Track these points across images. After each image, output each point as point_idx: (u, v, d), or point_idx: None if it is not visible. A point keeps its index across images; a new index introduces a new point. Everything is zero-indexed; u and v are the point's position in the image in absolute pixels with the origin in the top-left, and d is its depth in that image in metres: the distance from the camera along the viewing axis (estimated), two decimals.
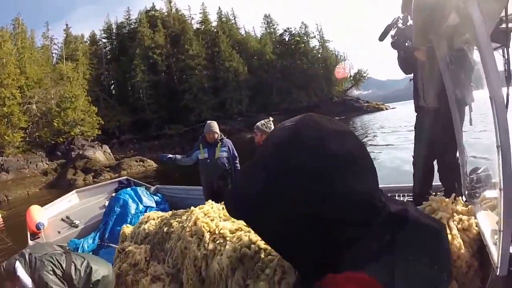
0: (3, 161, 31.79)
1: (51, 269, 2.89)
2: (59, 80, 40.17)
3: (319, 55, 62.05)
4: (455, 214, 1.74)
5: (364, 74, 62.82)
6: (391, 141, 18.56)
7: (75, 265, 2.96)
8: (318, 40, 63.62)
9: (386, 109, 60.27)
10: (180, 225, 2.58)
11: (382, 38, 3.16)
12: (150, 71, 48.65)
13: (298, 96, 53.52)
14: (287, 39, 61.00)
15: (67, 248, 3.63)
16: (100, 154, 32.57)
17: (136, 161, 27.81)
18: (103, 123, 39.14)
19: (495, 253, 1.36)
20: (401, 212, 0.79)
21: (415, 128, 3.51)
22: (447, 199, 1.83)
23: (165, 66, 50.17)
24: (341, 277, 0.66)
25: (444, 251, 0.81)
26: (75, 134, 35.79)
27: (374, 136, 23.60)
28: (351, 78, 62.83)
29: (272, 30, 63.91)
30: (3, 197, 25.59)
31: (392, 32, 3.19)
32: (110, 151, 34.21)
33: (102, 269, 2.93)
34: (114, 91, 52.56)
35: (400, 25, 3.14)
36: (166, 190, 7.04)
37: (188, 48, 50.17)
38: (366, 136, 23.87)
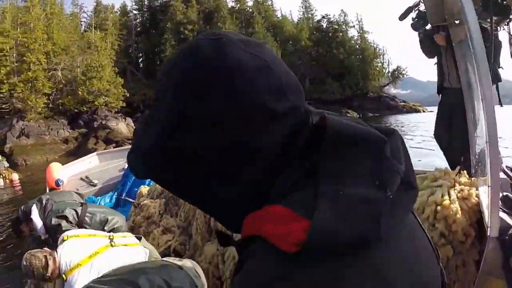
0: (24, 126, 31.57)
1: (65, 216, 3.09)
2: (86, 49, 39.43)
3: (357, 46, 58.77)
4: (457, 184, 1.83)
5: (403, 72, 59.31)
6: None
7: (90, 215, 3.23)
8: (357, 31, 60.30)
9: (423, 111, 56.55)
10: None
11: (402, 18, 3.43)
12: (180, 47, 46.69)
13: (331, 87, 50.97)
14: (324, 26, 58.19)
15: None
16: (123, 126, 31.75)
17: None
18: (128, 95, 38.41)
19: (487, 215, 1.49)
20: (324, 122, 0.56)
21: (438, 107, 3.80)
22: (452, 171, 1.98)
23: None
24: (258, 214, 0.54)
25: (387, 162, 0.54)
26: (99, 104, 35.15)
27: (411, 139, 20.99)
28: (389, 74, 59.44)
29: (310, 15, 60.94)
30: (22, 161, 25.51)
31: (413, 14, 3.45)
32: (133, 124, 33.27)
33: (116, 220, 3.17)
34: (141, 64, 51.56)
35: (421, 8, 3.39)
36: None
37: (221, 26, 48.48)
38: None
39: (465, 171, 1.99)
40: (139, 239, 2.54)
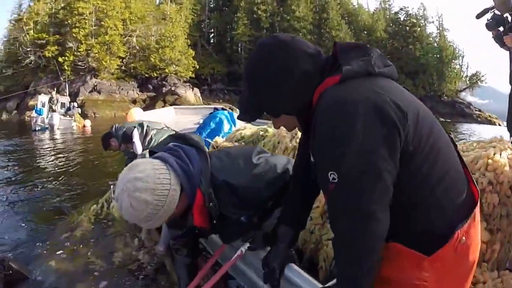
0: (96, 83, 33.64)
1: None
2: (161, 20, 40.55)
3: (435, 44, 54.21)
4: (509, 149, 1.89)
5: (482, 78, 53.99)
6: None
7: None
8: (437, 27, 55.71)
9: (499, 125, 51.11)
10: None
11: (478, 16, 3.66)
12: (252, 26, 46.64)
13: (402, 84, 45.67)
14: (402, 18, 54.38)
15: None
16: (191, 94, 32.27)
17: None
18: (197, 67, 39.23)
19: None
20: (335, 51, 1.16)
21: (509, 98, 3.78)
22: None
23: (268, 23, 47.35)
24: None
25: (370, 59, 1.10)
26: (169, 72, 36.31)
27: None
28: (467, 78, 54.42)
29: (387, 6, 57.59)
30: (91, 113, 27.46)
31: (488, 16, 3.64)
32: (200, 95, 33.42)
33: None
34: (212, 40, 51.94)
35: (497, 11, 3.61)
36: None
37: (295, 9, 47.06)
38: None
39: None
40: None
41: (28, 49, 34.87)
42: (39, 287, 2.55)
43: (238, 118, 1.28)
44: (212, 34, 52.29)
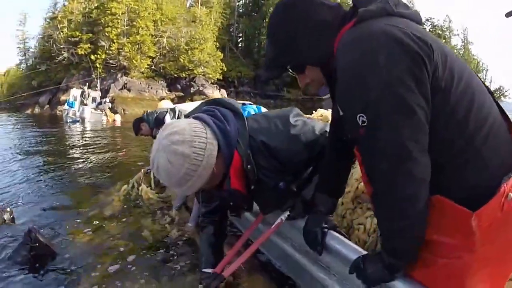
0: (126, 81, 34.24)
1: None
2: (191, 22, 41.04)
3: (460, 56, 52.94)
4: None
5: (506, 93, 52.22)
6: None
7: None
8: (462, 40, 54.66)
9: None
10: None
11: (508, 15, 3.11)
12: None
13: None
14: (427, 29, 53.02)
15: None
16: (218, 95, 32.29)
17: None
18: (225, 70, 39.59)
19: None
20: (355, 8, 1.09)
21: None
22: None
23: None
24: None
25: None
26: (197, 73, 36.67)
27: None
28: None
29: None
30: (121, 109, 27.86)
31: None
32: (226, 96, 33.61)
33: None
34: (240, 44, 52.40)
35: None
36: None
37: None
38: None
39: None
40: None
41: (61, 47, 35.92)
42: (65, 261, 2.44)
43: (261, 77, 1.25)
44: (241, 38, 52.76)
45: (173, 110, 4.35)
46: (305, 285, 1.72)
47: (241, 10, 53.50)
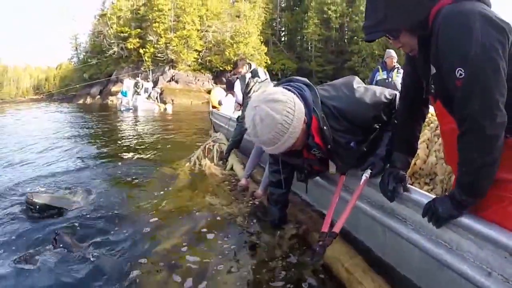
0: (174, 73, 35.42)
1: None
2: (236, 17, 41.60)
3: None
4: None
5: None
6: None
7: None
8: None
9: None
10: None
11: None
12: (322, 26, 46.40)
13: None
14: None
15: None
16: None
17: None
18: (269, 63, 40.06)
19: None
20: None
21: None
22: None
23: (338, 23, 46.96)
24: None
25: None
26: None
27: None
28: None
29: None
30: (169, 100, 28.48)
31: None
32: None
33: None
34: (283, 37, 52.57)
35: None
36: None
37: (363, 11, 45.22)
38: None
39: None
40: None
41: (111, 41, 37.57)
42: (148, 225, 2.48)
43: (366, 39, 1.34)
44: (283, 32, 52.87)
45: (243, 77, 4.38)
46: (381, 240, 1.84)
47: (283, 5, 53.51)
